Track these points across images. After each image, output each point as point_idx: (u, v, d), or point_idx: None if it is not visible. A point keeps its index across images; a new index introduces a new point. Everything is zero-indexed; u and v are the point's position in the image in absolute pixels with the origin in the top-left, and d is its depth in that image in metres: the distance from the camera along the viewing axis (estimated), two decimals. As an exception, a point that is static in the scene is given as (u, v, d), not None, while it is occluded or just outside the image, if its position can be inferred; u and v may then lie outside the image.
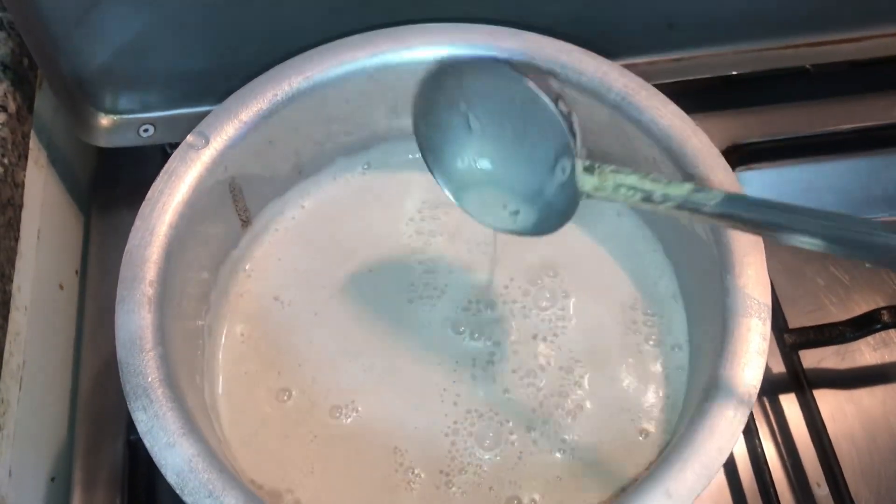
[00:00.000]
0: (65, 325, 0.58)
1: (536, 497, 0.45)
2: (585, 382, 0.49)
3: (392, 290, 0.52)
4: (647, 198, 0.37)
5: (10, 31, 0.55)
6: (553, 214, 0.41)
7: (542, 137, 0.40)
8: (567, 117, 0.39)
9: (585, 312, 0.51)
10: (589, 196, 0.39)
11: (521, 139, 0.41)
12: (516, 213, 0.43)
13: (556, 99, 0.39)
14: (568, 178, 0.39)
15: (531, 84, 0.39)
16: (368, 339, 0.50)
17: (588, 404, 0.48)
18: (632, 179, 0.38)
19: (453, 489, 0.45)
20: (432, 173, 0.43)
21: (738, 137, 0.62)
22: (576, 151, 0.39)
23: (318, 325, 0.50)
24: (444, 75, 0.41)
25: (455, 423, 0.47)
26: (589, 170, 0.39)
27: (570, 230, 0.50)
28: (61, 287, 0.58)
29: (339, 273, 0.52)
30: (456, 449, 0.47)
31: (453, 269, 0.52)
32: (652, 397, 0.48)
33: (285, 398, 0.48)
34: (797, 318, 0.56)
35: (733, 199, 0.36)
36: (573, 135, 0.39)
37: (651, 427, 0.47)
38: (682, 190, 0.36)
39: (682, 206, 0.36)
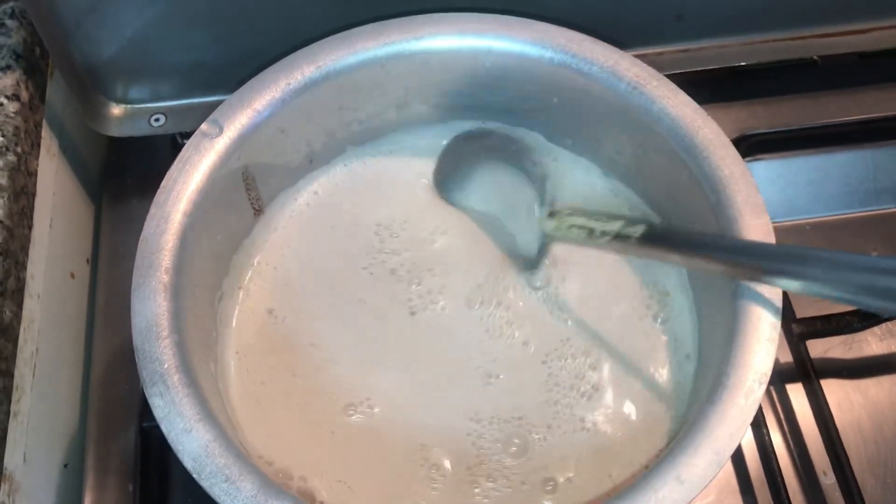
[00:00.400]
0: (76, 314, 0.59)
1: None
2: (598, 368, 0.49)
3: (404, 281, 0.52)
4: (591, 233, 0.46)
5: (21, 20, 0.55)
6: (530, 249, 0.51)
7: (521, 194, 0.51)
8: (540, 181, 0.50)
9: (594, 300, 0.51)
10: (549, 236, 0.48)
11: (508, 194, 0.52)
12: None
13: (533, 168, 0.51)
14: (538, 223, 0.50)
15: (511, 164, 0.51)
16: (382, 331, 0.50)
17: (601, 390, 0.48)
18: (580, 220, 0.46)
19: (478, 486, 0.46)
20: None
21: (746, 128, 0.62)
22: (544, 202, 0.49)
23: (329, 314, 0.51)
24: (459, 144, 0.53)
25: (477, 413, 0.48)
26: (551, 216, 0.48)
27: None
28: (72, 276, 0.59)
29: (352, 262, 0.52)
30: (481, 441, 0.47)
31: (464, 261, 0.53)
32: (661, 383, 0.48)
33: (297, 389, 0.48)
34: (804, 309, 0.56)
35: (653, 230, 0.43)
36: (542, 193, 0.49)
37: (661, 411, 0.47)
38: (614, 226, 0.45)
39: (615, 238, 0.44)
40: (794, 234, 0.60)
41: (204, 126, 0.47)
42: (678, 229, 0.46)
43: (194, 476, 0.38)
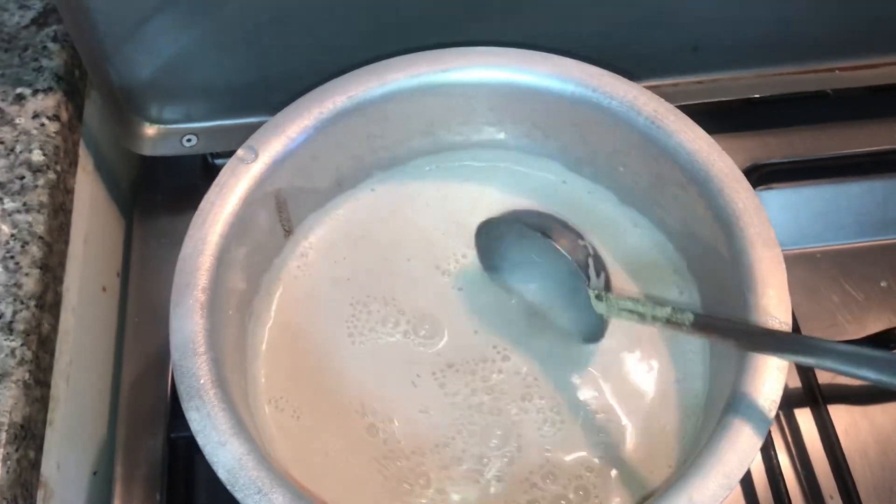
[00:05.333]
0: (107, 326, 0.60)
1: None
2: (602, 391, 0.50)
3: (430, 302, 0.53)
4: (642, 318, 0.46)
5: (63, 43, 0.57)
6: (588, 331, 0.51)
7: (568, 277, 0.50)
8: (583, 266, 0.49)
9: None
10: (605, 316, 0.49)
11: (554, 277, 0.51)
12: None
13: (578, 250, 0.49)
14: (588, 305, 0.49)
15: (555, 245, 0.49)
16: (406, 352, 0.51)
17: (608, 412, 0.50)
18: (628, 304, 0.47)
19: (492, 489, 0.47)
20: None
21: (759, 158, 0.63)
22: (590, 293, 0.49)
23: (356, 334, 0.52)
24: (500, 224, 0.52)
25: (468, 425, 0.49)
26: (598, 297, 0.48)
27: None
28: (104, 289, 0.60)
29: (379, 283, 0.54)
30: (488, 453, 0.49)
31: (490, 285, 0.54)
32: (671, 407, 0.50)
33: (322, 407, 0.50)
34: (812, 334, 0.57)
35: (700, 318, 0.44)
36: (588, 277, 0.49)
37: (666, 440, 0.49)
38: (664, 312, 0.45)
39: (667, 323, 0.45)
40: (804, 262, 0.61)
41: (240, 152, 0.49)
42: (718, 318, 0.47)
43: (228, 488, 0.39)
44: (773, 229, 0.46)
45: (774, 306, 0.43)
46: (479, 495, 0.47)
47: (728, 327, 0.44)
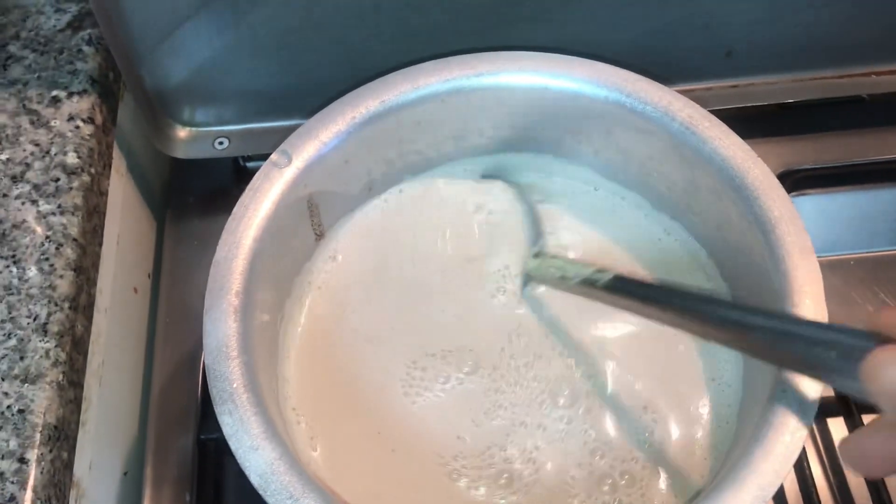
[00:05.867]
0: (138, 327, 0.61)
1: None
2: (644, 402, 0.50)
3: (460, 305, 0.53)
4: (564, 275, 0.49)
5: (97, 47, 0.58)
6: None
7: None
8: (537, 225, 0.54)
9: (640, 336, 0.52)
10: (530, 275, 0.52)
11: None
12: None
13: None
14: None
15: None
16: (439, 356, 0.51)
17: (647, 423, 0.49)
18: (558, 262, 0.50)
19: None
20: None
21: (792, 163, 0.63)
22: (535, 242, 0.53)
23: (387, 339, 0.52)
24: None
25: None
26: (536, 255, 0.53)
27: (610, 247, 0.55)
28: (135, 290, 0.61)
29: (410, 287, 0.54)
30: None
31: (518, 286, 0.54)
32: (701, 422, 0.49)
33: (352, 410, 0.50)
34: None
35: (619, 279, 0.46)
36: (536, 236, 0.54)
37: (704, 447, 0.48)
38: (585, 270, 0.48)
39: (583, 282, 0.47)
40: (838, 269, 0.61)
41: (274, 156, 0.49)
42: (642, 282, 0.48)
43: (260, 492, 0.39)
44: (810, 237, 0.45)
45: (811, 316, 0.43)
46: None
47: (648, 293, 0.45)
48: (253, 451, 0.40)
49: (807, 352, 0.37)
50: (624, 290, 0.46)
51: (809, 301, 0.43)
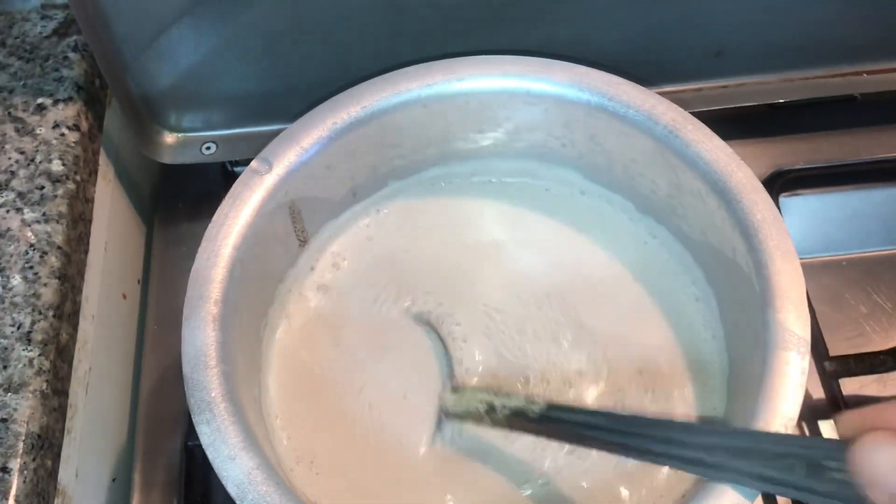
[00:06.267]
0: (127, 334, 0.61)
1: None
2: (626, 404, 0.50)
3: (446, 311, 0.53)
4: (491, 408, 0.45)
5: (83, 54, 0.58)
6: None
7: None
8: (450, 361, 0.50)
9: (622, 337, 0.52)
10: (448, 412, 0.48)
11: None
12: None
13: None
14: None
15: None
16: (424, 366, 0.51)
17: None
18: (484, 395, 0.46)
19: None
20: None
21: (783, 163, 0.63)
22: (450, 381, 0.50)
23: (373, 347, 0.52)
24: None
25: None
26: (454, 390, 0.49)
27: (596, 252, 0.54)
28: (124, 297, 0.61)
29: (394, 293, 0.54)
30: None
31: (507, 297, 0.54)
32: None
33: (335, 417, 0.50)
34: (838, 344, 0.56)
35: (553, 408, 0.44)
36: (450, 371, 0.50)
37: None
38: (515, 402, 0.45)
39: (514, 414, 0.45)
40: (830, 270, 0.61)
41: (254, 163, 0.49)
42: (581, 409, 0.47)
43: (238, 502, 0.39)
44: (793, 241, 0.45)
45: (793, 321, 0.43)
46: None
47: (580, 427, 0.43)
48: (230, 461, 0.40)
49: (771, 465, 0.37)
50: (560, 420, 0.43)
51: (791, 306, 0.43)
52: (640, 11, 0.56)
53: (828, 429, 0.54)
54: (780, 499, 0.51)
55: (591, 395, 0.50)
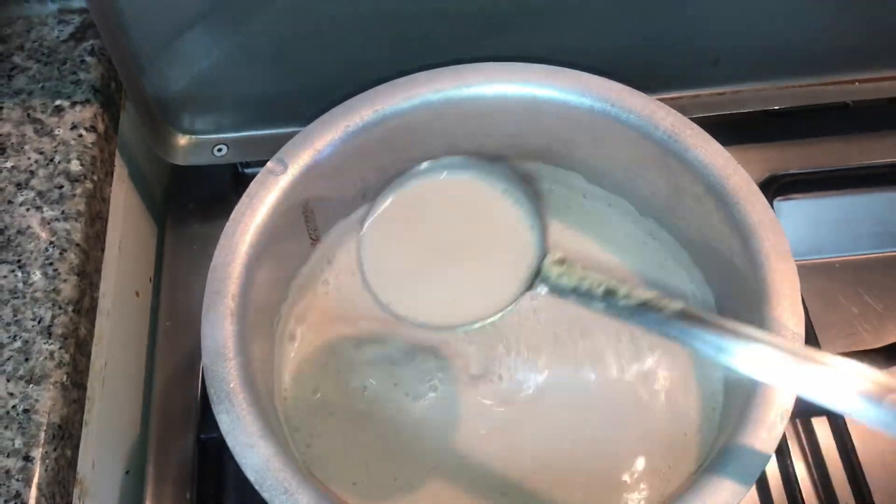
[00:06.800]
0: (140, 329, 0.62)
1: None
2: (622, 406, 0.52)
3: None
4: (612, 291, 0.42)
5: (100, 57, 0.59)
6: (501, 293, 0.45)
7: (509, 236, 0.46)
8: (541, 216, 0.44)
9: (622, 335, 0.54)
10: (547, 279, 0.44)
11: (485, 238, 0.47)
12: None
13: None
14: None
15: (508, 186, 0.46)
16: (431, 357, 0.53)
17: (632, 420, 0.51)
18: (598, 277, 0.42)
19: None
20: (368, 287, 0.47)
21: (778, 168, 0.64)
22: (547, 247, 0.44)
23: (380, 342, 0.54)
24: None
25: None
26: (559, 262, 0.44)
27: (597, 252, 0.56)
28: (137, 294, 0.62)
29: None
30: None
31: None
32: (687, 420, 0.51)
33: (347, 407, 0.51)
34: (831, 344, 0.57)
35: (691, 312, 0.40)
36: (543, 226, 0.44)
37: (686, 447, 0.50)
38: (645, 294, 0.41)
39: (643, 306, 0.41)
40: (823, 272, 0.62)
41: (270, 164, 0.50)
42: (716, 320, 0.40)
43: (256, 487, 0.41)
44: (788, 242, 0.47)
45: (788, 317, 0.44)
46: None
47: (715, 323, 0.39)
48: (249, 449, 0.41)
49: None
50: (647, 315, 0.41)
51: (787, 303, 0.45)
52: (640, 21, 0.58)
53: (821, 425, 0.55)
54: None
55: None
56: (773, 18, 0.59)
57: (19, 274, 0.50)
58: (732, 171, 0.48)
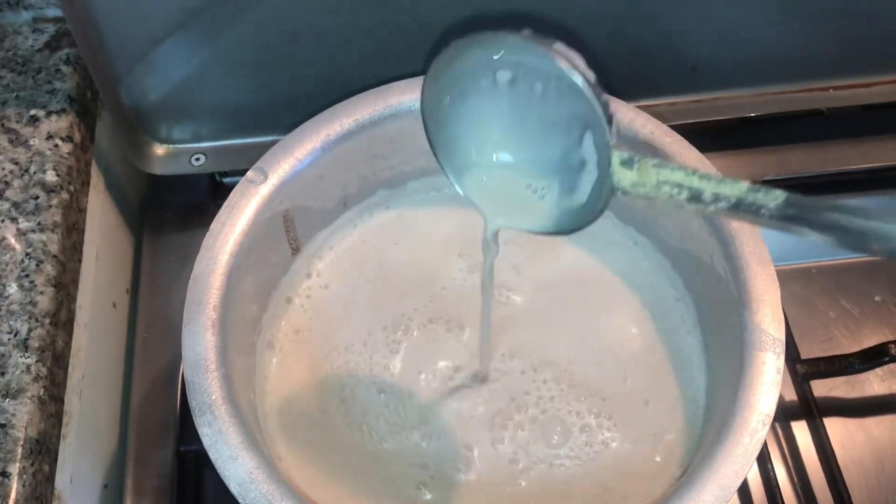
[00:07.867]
0: (117, 342, 0.62)
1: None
2: (607, 411, 0.52)
3: (435, 318, 0.55)
4: (696, 196, 0.34)
5: (75, 66, 0.59)
6: (578, 212, 0.38)
7: (570, 126, 0.37)
8: (604, 105, 0.34)
9: (602, 343, 0.54)
10: (625, 193, 0.35)
11: (548, 129, 0.38)
12: (537, 211, 0.39)
13: (590, 83, 0.35)
14: (599, 172, 0.36)
15: (563, 64, 0.34)
16: (412, 367, 0.53)
17: (610, 431, 0.51)
18: (678, 175, 0.34)
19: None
20: (443, 170, 0.40)
21: (755, 175, 0.64)
22: (611, 142, 0.34)
23: (363, 352, 0.53)
24: (459, 55, 0.37)
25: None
26: (627, 164, 0.35)
27: (581, 257, 0.56)
28: (114, 305, 0.62)
29: (384, 299, 0.55)
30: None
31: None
32: (671, 425, 0.51)
33: (328, 421, 0.51)
34: (809, 349, 0.58)
35: (797, 200, 0.33)
36: (609, 123, 0.34)
37: (670, 452, 0.50)
38: (736, 189, 0.33)
39: (736, 207, 0.33)
40: (800, 277, 0.62)
41: (250, 173, 0.50)
42: (833, 203, 0.34)
43: (240, 500, 0.40)
44: (767, 248, 0.47)
45: (768, 322, 0.45)
46: None
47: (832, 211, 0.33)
48: (232, 461, 0.41)
49: None
50: (803, 220, 0.33)
51: (767, 309, 0.45)
52: (617, 27, 0.58)
53: (800, 430, 0.56)
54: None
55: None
56: (749, 27, 0.60)
57: (-6, 286, 0.50)
58: (712, 177, 0.49)
